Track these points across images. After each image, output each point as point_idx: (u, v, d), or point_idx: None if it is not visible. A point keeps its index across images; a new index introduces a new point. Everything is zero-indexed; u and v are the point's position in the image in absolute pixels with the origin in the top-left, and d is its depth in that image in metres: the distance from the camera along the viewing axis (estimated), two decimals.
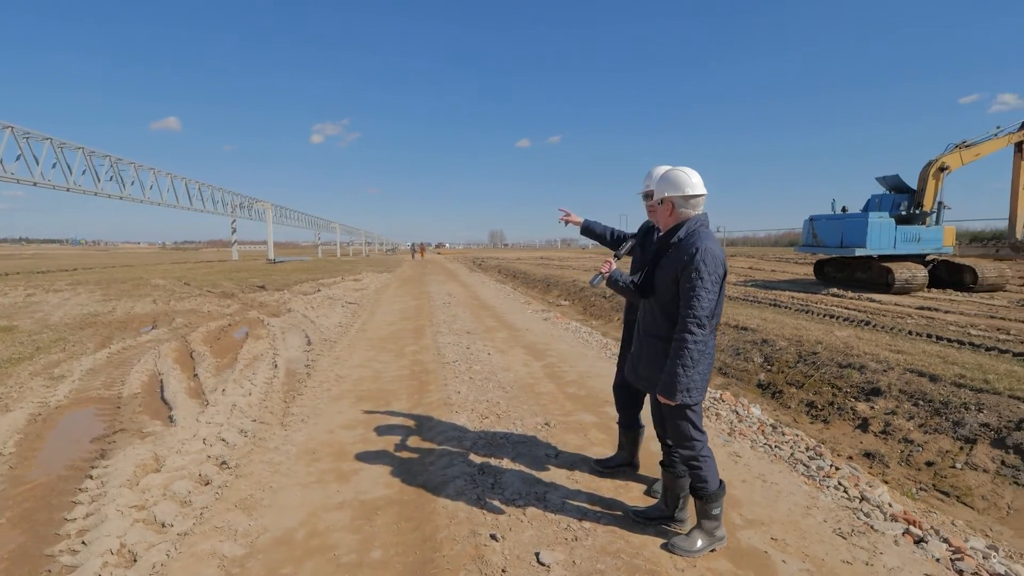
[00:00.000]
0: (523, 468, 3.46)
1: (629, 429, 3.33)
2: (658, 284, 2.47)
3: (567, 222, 3.70)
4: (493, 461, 3.58)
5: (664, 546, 2.56)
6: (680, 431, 2.47)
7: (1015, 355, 6.64)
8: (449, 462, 3.58)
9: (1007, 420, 4.76)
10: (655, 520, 2.76)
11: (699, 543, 2.52)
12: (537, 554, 2.48)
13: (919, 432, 5.08)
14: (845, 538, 2.64)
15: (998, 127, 15.64)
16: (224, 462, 3.75)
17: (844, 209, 15.87)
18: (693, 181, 2.46)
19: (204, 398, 5.26)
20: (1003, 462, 4.40)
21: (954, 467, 4.52)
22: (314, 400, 5.14)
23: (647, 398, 3.22)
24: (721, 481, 2.52)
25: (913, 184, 15.16)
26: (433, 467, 3.53)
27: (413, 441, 4.05)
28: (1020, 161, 15.95)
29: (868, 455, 4.87)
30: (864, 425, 5.43)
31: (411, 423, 4.46)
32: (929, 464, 4.65)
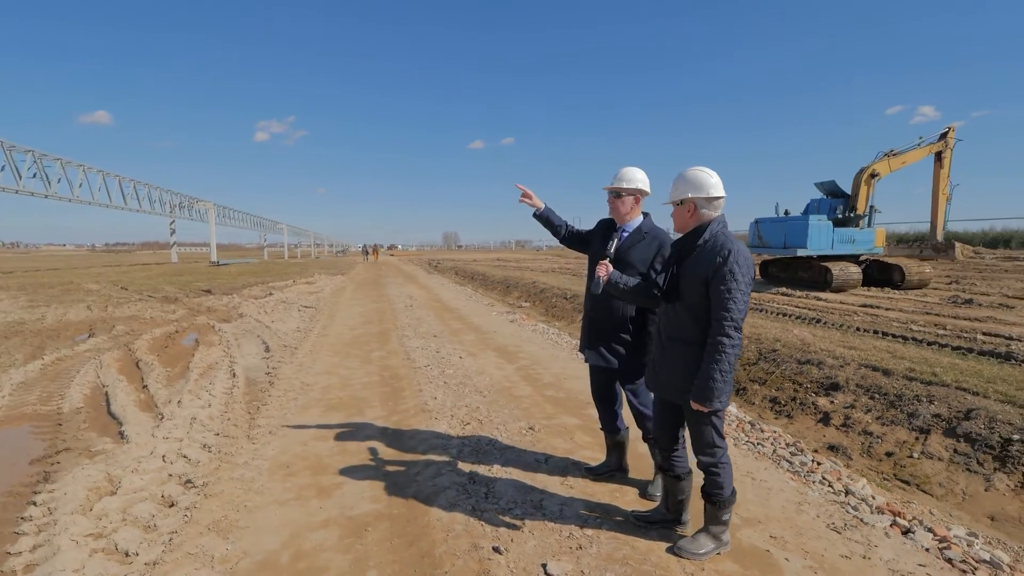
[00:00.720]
0: (515, 475, 3.37)
1: (614, 433, 3.30)
2: (684, 287, 2.38)
3: (527, 202, 3.40)
4: (482, 469, 3.47)
5: (670, 549, 2.54)
6: (705, 438, 2.43)
7: (953, 349, 7.11)
8: (437, 471, 3.44)
9: (956, 410, 5.05)
10: (656, 524, 2.74)
11: (706, 547, 2.50)
12: (544, 565, 2.40)
13: (877, 424, 5.31)
14: (839, 532, 2.71)
15: (920, 138, 17.03)
16: (189, 481, 3.47)
17: (787, 212, 16.85)
18: (715, 182, 2.41)
19: (158, 411, 4.88)
20: (955, 450, 4.65)
21: (912, 457, 4.75)
22: (281, 410, 4.86)
23: (625, 397, 3.19)
24: (733, 488, 2.51)
25: (848, 189, 16.31)
26: (420, 477, 3.39)
27: (394, 451, 3.88)
28: (939, 170, 17.44)
29: (832, 448, 5.06)
30: (826, 419, 5.65)
31: (389, 431, 4.28)
32: (889, 455, 4.87)
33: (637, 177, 2.98)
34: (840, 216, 15.94)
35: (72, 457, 3.94)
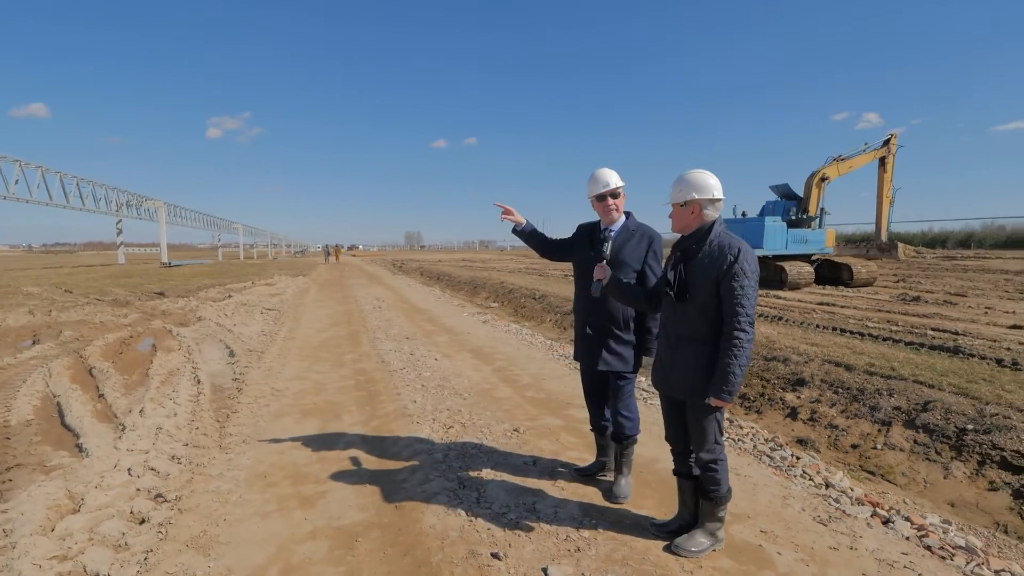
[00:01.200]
0: (504, 478, 3.34)
1: (599, 433, 3.32)
2: (694, 288, 2.40)
3: (508, 219, 3.32)
4: (471, 473, 3.42)
5: (667, 548, 2.56)
6: (708, 435, 2.46)
7: (907, 344, 7.49)
8: (424, 477, 3.37)
9: (914, 403, 5.30)
10: (676, 532, 2.70)
11: (703, 544, 2.53)
12: (545, 570, 2.38)
13: (842, 418, 5.52)
14: (825, 525, 2.80)
15: (866, 144, 18.05)
16: (160, 495, 3.28)
17: (744, 214, 17.55)
18: (716, 184, 2.44)
19: (118, 421, 4.61)
20: (915, 441, 4.88)
21: (875, 448, 4.95)
22: (253, 418, 4.67)
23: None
24: (729, 485, 2.54)
25: (800, 192, 17.11)
26: (408, 484, 3.31)
27: (377, 457, 3.78)
28: (883, 174, 18.53)
29: (801, 441, 5.23)
30: (793, 414, 5.84)
31: (370, 437, 4.17)
32: (854, 447, 5.06)
33: (617, 177, 3.00)
34: (793, 218, 16.73)
35: (25, 473, 3.67)
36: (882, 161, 18.48)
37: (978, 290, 12.65)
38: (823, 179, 16.64)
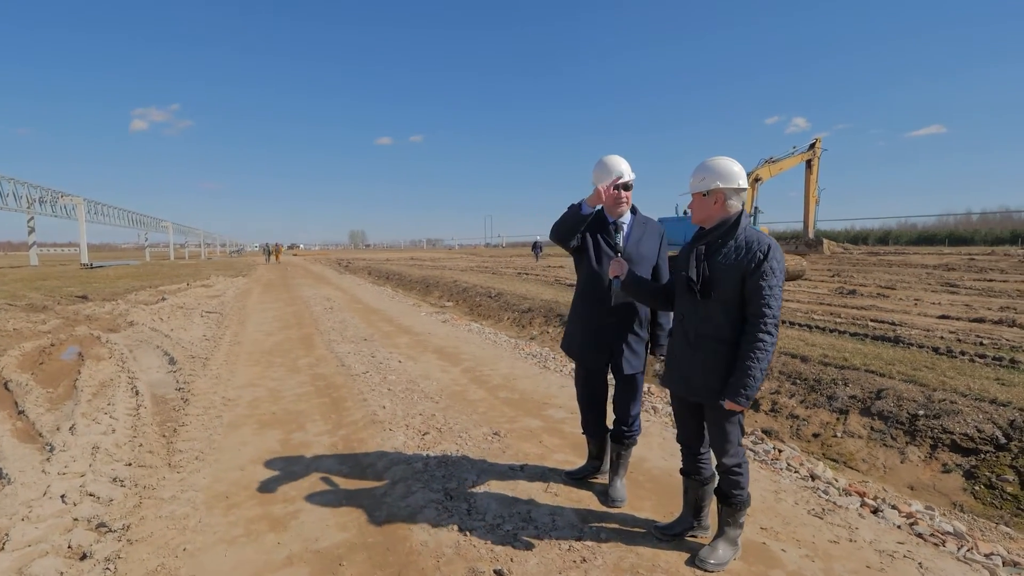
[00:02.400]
0: (494, 487, 3.16)
1: (602, 434, 3.20)
2: (719, 284, 2.24)
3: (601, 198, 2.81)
4: (457, 483, 3.23)
5: (691, 562, 2.43)
6: (730, 438, 2.33)
7: (852, 335, 7.87)
8: (406, 490, 3.15)
9: (868, 391, 5.52)
10: (681, 535, 2.61)
11: (727, 555, 2.41)
12: None
13: (802, 408, 5.70)
14: (821, 518, 2.81)
15: (794, 147, 19.30)
16: (103, 524, 2.90)
17: (686, 212, 18.34)
18: (740, 171, 2.29)
19: (45, 441, 4.09)
20: (872, 428, 5.08)
21: (836, 436, 5.13)
22: (204, 431, 4.27)
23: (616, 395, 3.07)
24: (749, 490, 2.45)
25: None
26: (389, 498, 3.08)
27: (351, 469, 3.52)
28: (809, 175, 19.87)
29: (766, 432, 5.36)
30: (755, 405, 5.97)
31: (339, 448, 3.89)
32: (816, 436, 5.22)
33: (629, 167, 2.87)
34: None
35: None
36: (808, 163, 19.81)
37: (905, 283, 13.58)
38: (756, 180, 17.68)
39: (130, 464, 3.67)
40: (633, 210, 2.96)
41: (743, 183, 2.29)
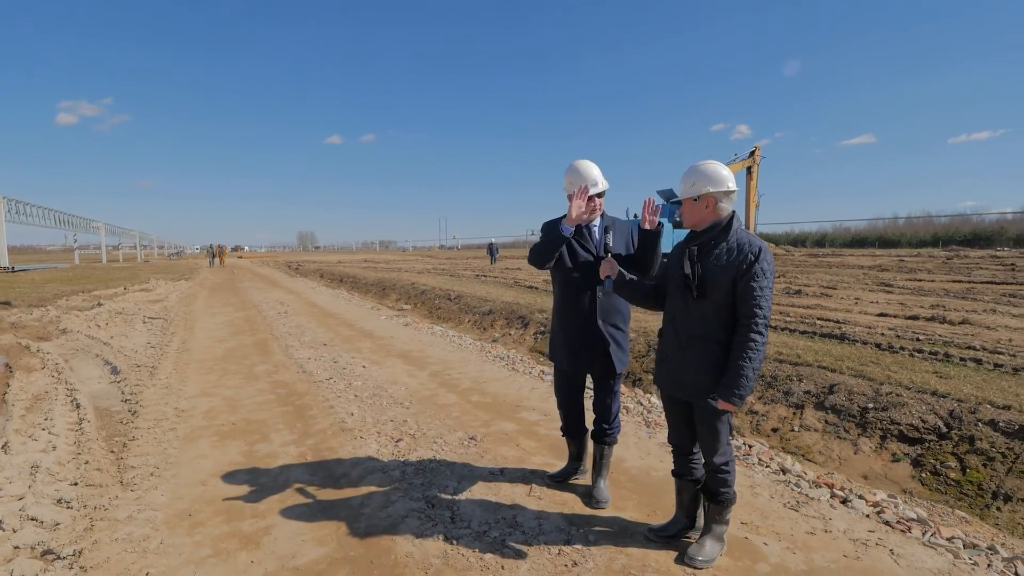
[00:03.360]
0: (476, 493, 3.11)
1: (582, 435, 3.21)
2: (712, 286, 2.27)
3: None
4: (437, 491, 3.15)
5: (680, 560, 2.45)
6: (719, 437, 2.36)
7: (802, 333, 8.25)
8: (385, 500, 3.05)
9: (821, 386, 5.79)
10: (676, 536, 2.62)
11: (715, 551, 2.46)
12: None
13: (760, 404, 5.91)
14: (796, 510, 2.91)
15: (735, 154, 20.37)
16: (50, 551, 2.65)
17: (636, 216, 19.02)
18: (729, 175, 2.33)
19: None
20: (826, 421, 5.32)
21: (793, 430, 5.34)
22: (158, 445, 4.00)
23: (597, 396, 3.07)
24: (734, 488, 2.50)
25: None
26: (368, 508, 2.97)
27: (323, 480, 3.38)
28: (749, 181, 20.96)
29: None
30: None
31: (309, 458, 3.73)
32: (775, 430, 5.43)
33: (599, 172, 2.90)
34: (678, 219, 18.58)
35: None
36: (749, 170, 20.90)
37: (845, 283, 14.39)
38: None
39: (76, 484, 3.38)
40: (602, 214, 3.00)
41: (732, 186, 2.32)
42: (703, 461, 2.52)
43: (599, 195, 2.89)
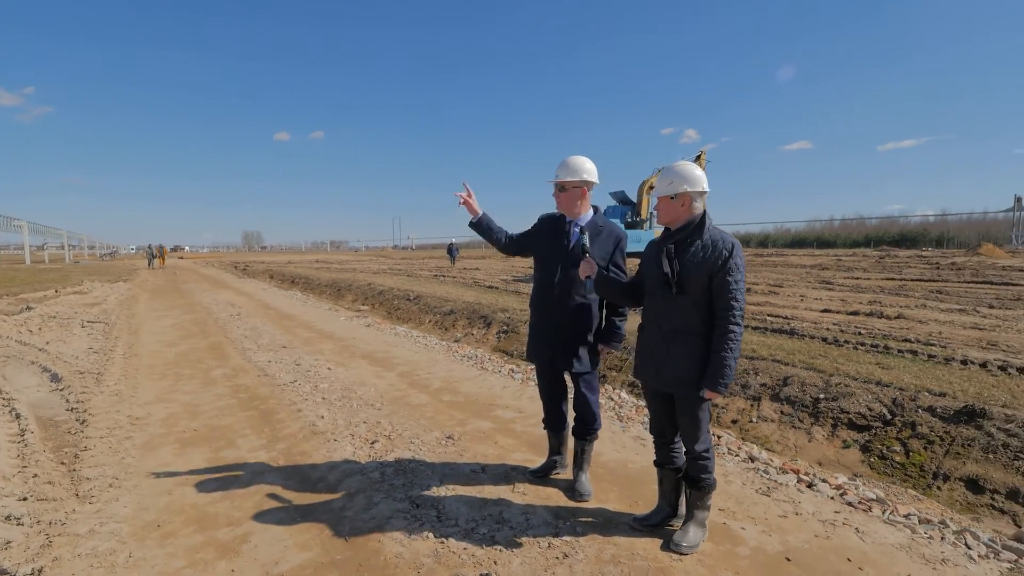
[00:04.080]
0: (459, 491, 3.10)
1: (563, 429, 3.26)
2: (690, 282, 2.37)
3: (465, 204, 3.08)
4: (420, 490, 3.12)
5: (665, 546, 2.53)
6: (700, 425, 2.47)
7: (754, 329, 8.64)
8: (367, 501, 3.00)
9: (776, 379, 6.08)
10: (659, 525, 2.69)
11: (698, 536, 2.55)
12: None
13: (720, 397, 6.14)
14: (768, 496, 3.06)
15: (683, 158, 21.59)
16: (3, 572, 2.47)
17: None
18: (703, 175, 2.44)
19: None
20: (782, 412, 5.60)
21: (751, 421, 5.60)
22: (114, 455, 3.78)
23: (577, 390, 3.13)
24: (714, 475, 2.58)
25: (634, 198, 19.83)
26: (350, 511, 2.91)
27: (299, 484, 3.28)
28: None
29: None
30: None
31: (281, 462, 3.62)
32: (734, 422, 5.67)
33: (587, 167, 2.95)
34: (629, 220, 19.29)
35: None
36: None
37: (790, 282, 15.15)
38: (651, 187, 19.43)
39: (26, 499, 3.15)
40: (595, 210, 3.05)
41: (705, 186, 2.46)
42: (684, 450, 2.62)
43: (561, 188, 2.96)
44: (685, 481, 2.62)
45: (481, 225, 3.08)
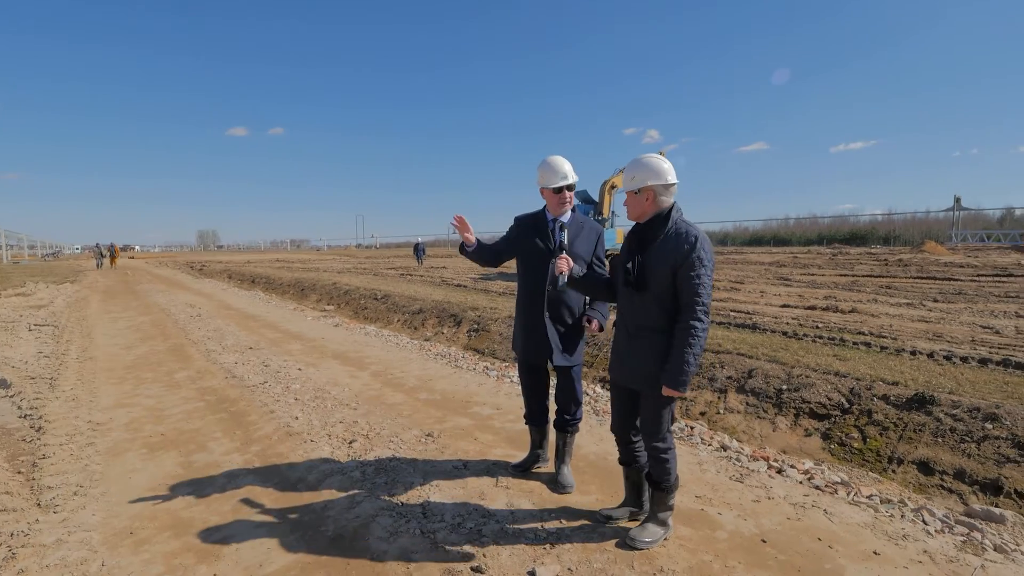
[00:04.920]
0: (443, 488, 3.11)
1: (545, 424, 3.31)
2: (652, 277, 2.32)
3: (463, 236, 3.02)
4: (403, 487, 3.11)
5: (621, 544, 2.53)
6: (662, 423, 2.43)
7: (719, 324, 8.92)
8: (350, 501, 2.97)
9: (741, 372, 6.30)
10: (623, 519, 2.74)
11: (656, 534, 2.53)
12: (532, 573, 2.28)
13: (688, 390, 6.33)
14: (741, 482, 3.18)
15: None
16: None
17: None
18: (670, 168, 2.39)
19: None
20: (747, 403, 5.81)
21: (719, 413, 5.79)
22: (77, 462, 3.62)
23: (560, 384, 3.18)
24: (676, 474, 2.55)
25: (596, 197, 20.25)
26: (333, 511, 2.88)
27: (278, 485, 3.22)
28: None
29: None
30: None
31: (256, 465, 3.54)
32: (702, 414, 5.85)
33: (569, 167, 3.01)
34: (592, 219, 19.89)
35: None
36: None
37: (750, 278, 15.68)
38: (612, 187, 19.77)
39: None
40: (572, 208, 3.11)
41: (672, 178, 2.37)
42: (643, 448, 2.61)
43: (569, 188, 3.00)
44: (648, 481, 2.61)
45: (474, 253, 3.05)
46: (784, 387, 5.65)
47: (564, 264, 2.64)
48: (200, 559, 2.50)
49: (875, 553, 2.48)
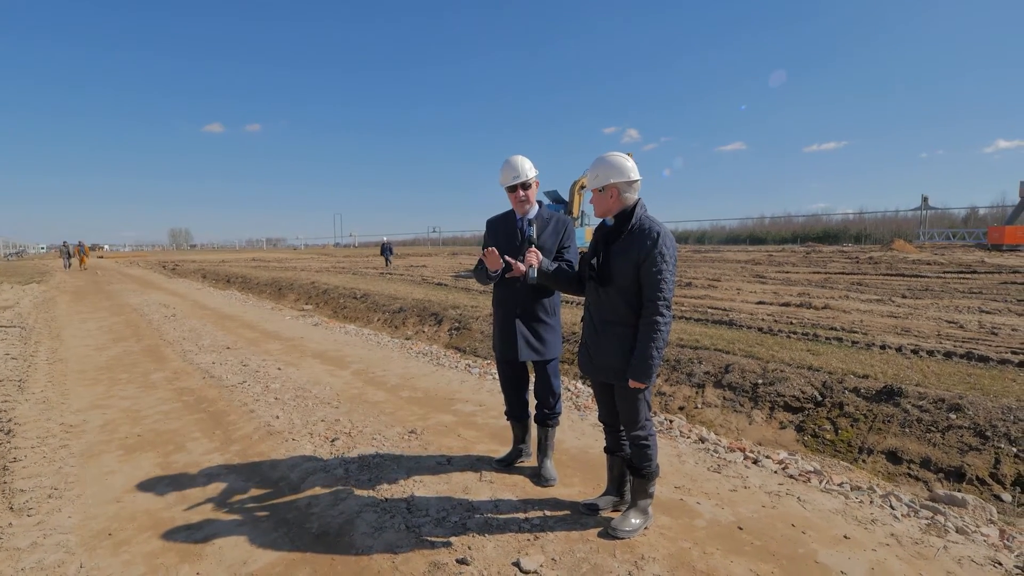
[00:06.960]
0: (427, 483, 3.13)
1: (526, 418, 3.35)
2: (616, 272, 2.39)
3: (487, 263, 2.92)
4: (387, 484, 3.12)
5: (603, 533, 2.57)
6: (638, 413, 2.48)
7: (697, 320, 9.09)
8: (334, 498, 2.97)
9: (718, 367, 6.44)
10: (604, 510, 2.77)
11: (636, 523, 2.57)
12: (517, 563, 2.32)
13: (667, 385, 6.45)
14: (719, 472, 3.27)
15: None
16: None
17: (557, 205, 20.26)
18: (632, 165, 2.43)
19: None
20: (724, 397, 5.94)
21: (697, 407, 5.91)
22: (50, 464, 3.54)
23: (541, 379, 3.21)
24: (657, 462, 2.61)
25: (567, 197, 20.55)
26: (317, 508, 2.88)
27: (260, 484, 3.20)
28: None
29: None
30: None
31: (237, 464, 3.51)
32: (681, 408, 5.97)
33: (530, 165, 3.04)
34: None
35: None
36: None
37: (727, 276, 15.97)
38: (581, 187, 20.09)
39: None
40: (539, 204, 3.16)
41: (635, 175, 2.42)
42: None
43: (524, 186, 3.03)
44: (628, 469, 2.66)
45: (489, 278, 3.02)
46: (760, 381, 5.78)
47: (534, 257, 2.68)
48: (182, 558, 2.48)
49: (845, 537, 2.58)
